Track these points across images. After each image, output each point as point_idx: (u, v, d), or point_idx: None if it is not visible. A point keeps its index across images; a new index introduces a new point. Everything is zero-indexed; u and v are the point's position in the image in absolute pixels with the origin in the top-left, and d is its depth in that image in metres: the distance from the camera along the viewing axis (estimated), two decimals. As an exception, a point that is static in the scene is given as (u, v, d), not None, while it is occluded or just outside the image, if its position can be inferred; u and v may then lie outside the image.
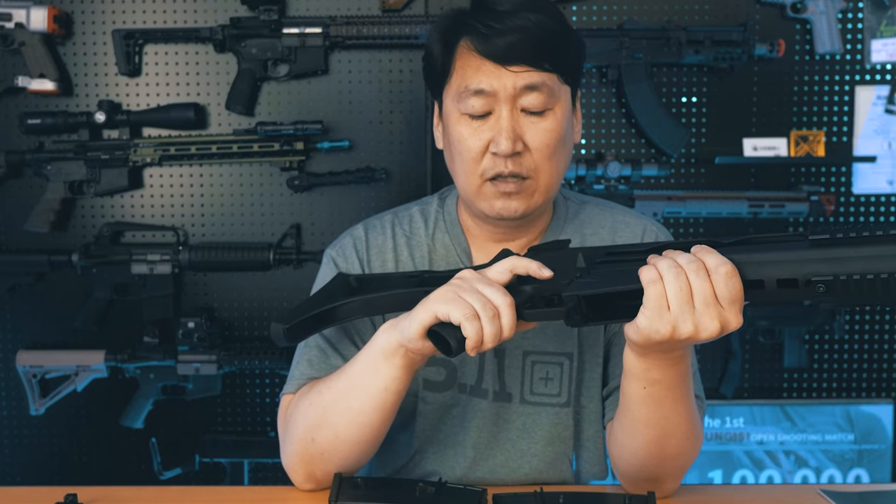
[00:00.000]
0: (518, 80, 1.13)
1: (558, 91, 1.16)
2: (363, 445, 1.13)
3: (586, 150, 2.33)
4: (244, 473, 2.30)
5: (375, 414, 1.10)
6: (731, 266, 0.90)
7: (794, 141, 2.29)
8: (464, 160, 1.18)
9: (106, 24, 2.25)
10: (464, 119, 1.17)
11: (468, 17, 1.17)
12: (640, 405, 1.06)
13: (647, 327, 0.93)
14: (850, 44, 2.30)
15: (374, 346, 1.09)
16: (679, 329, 0.92)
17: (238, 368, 2.25)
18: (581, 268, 1.01)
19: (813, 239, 0.87)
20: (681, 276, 0.90)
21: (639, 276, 0.93)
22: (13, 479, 2.36)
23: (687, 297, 0.90)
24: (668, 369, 1.01)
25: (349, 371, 1.12)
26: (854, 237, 0.85)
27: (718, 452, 2.32)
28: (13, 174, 2.25)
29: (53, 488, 1.14)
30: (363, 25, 2.19)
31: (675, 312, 0.91)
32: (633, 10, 2.28)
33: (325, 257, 1.32)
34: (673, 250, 0.95)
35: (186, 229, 2.30)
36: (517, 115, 1.15)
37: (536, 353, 1.26)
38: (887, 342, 2.39)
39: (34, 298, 2.31)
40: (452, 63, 1.18)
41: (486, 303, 0.99)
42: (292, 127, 2.19)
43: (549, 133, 1.16)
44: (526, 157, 1.16)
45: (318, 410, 1.13)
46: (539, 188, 1.18)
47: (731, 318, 0.91)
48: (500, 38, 1.13)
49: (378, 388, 1.09)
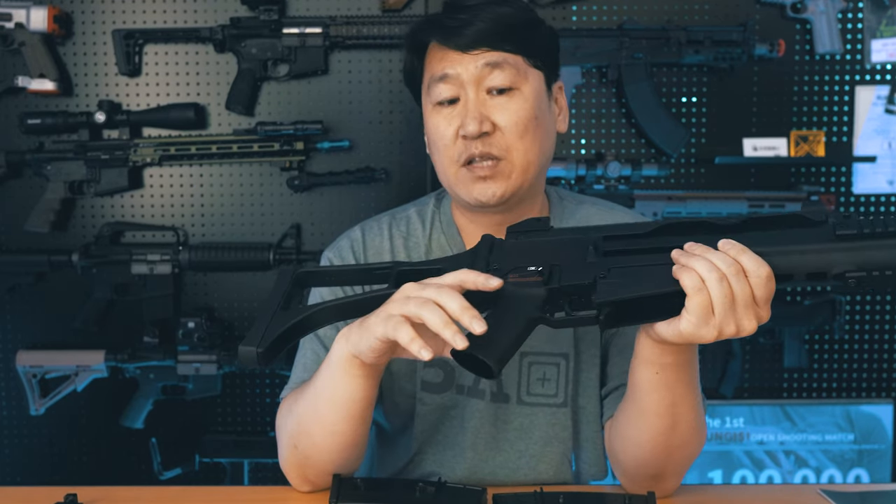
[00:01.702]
0: (479, 60, 1.18)
1: (524, 71, 1.20)
2: (342, 451, 1.12)
3: (586, 150, 2.33)
4: (244, 473, 2.30)
5: (345, 423, 1.09)
6: (769, 269, 0.90)
7: (794, 141, 2.29)
8: (439, 149, 1.22)
9: (106, 24, 2.25)
10: (436, 110, 1.22)
11: (435, 18, 1.23)
12: (652, 391, 1.06)
13: (691, 333, 0.93)
14: (850, 44, 2.30)
15: (331, 358, 1.06)
16: (723, 332, 0.92)
17: (238, 368, 2.25)
18: (593, 263, 0.97)
19: (841, 234, 0.90)
20: (724, 282, 0.90)
21: (678, 279, 0.91)
22: (13, 479, 2.36)
23: (731, 302, 0.91)
24: (682, 353, 1.02)
25: (315, 382, 1.11)
26: (881, 232, 0.89)
27: (718, 452, 2.32)
28: (13, 174, 2.25)
29: (53, 488, 1.14)
30: (363, 25, 2.19)
31: (719, 318, 0.91)
32: (633, 10, 2.28)
33: (322, 259, 1.33)
34: (700, 246, 0.92)
35: (186, 229, 2.30)
36: (483, 97, 1.19)
37: (533, 353, 1.26)
38: (887, 342, 2.39)
39: (34, 298, 2.31)
40: (423, 63, 1.24)
41: (418, 300, 0.93)
42: (292, 127, 2.19)
43: (518, 112, 1.18)
44: (496, 137, 1.18)
45: (295, 420, 1.14)
46: (515, 168, 1.19)
47: (765, 313, 0.93)
48: (465, 28, 1.18)
49: (343, 399, 1.07)
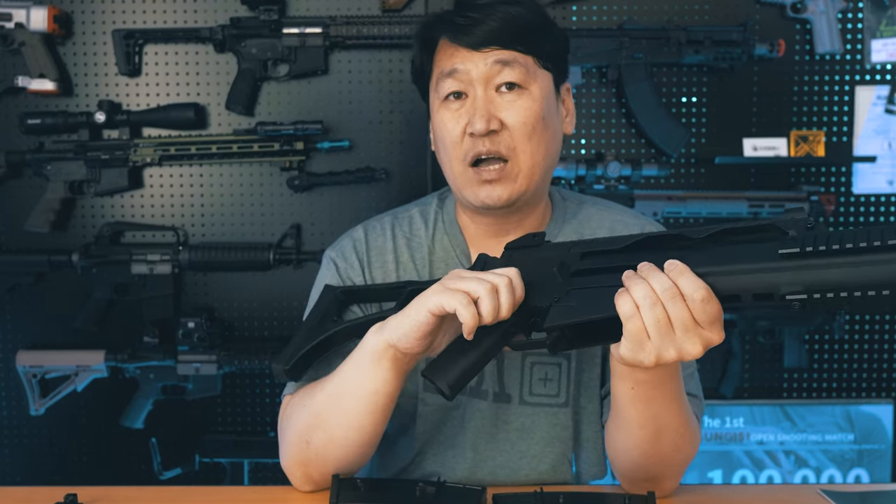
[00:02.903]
0: (489, 57, 1.17)
1: (534, 71, 1.19)
2: (357, 448, 1.13)
3: (586, 150, 2.33)
4: (244, 473, 2.30)
5: (367, 417, 1.10)
6: (706, 290, 0.87)
7: (794, 141, 2.29)
8: (446, 146, 1.21)
9: (106, 24, 2.25)
10: (443, 106, 1.21)
11: (446, 15, 1.22)
12: (630, 405, 1.06)
13: (630, 358, 0.93)
14: (850, 44, 2.30)
15: (363, 349, 1.08)
16: (663, 356, 0.91)
17: (238, 368, 2.25)
18: (560, 284, 0.98)
19: (783, 253, 0.82)
20: (657, 306, 0.88)
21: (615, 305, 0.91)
22: (13, 479, 2.36)
23: (666, 326, 0.89)
24: (654, 370, 1.01)
25: (340, 374, 1.11)
26: (824, 251, 0.80)
27: (718, 452, 2.32)
28: (13, 174, 2.25)
29: (53, 488, 1.14)
30: (363, 25, 2.19)
31: (655, 343, 0.90)
32: (633, 10, 2.28)
33: (324, 259, 1.32)
34: (648, 267, 0.91)
35: (186, 229, 2.30)
36: (492, 95, 1.18)
37: (536, 353, 1.26)
38: (887, 342, 2.39)
39: (34, 298, 2.31)
40: (433, 60, 1.23)
41: (480, 282, 0.98)
42: (292, 127, 2.19)
43: (526, 111, 1.18)
44: (504, 136, 1.18)
45: (312, 413, 1.13)
46: (522, 171, 1.19)
47: (713, 336, 0.90)
48: (476, 27, 1.17)
49: (368, 391, 1.08)
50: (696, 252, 0.90)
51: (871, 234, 0.79)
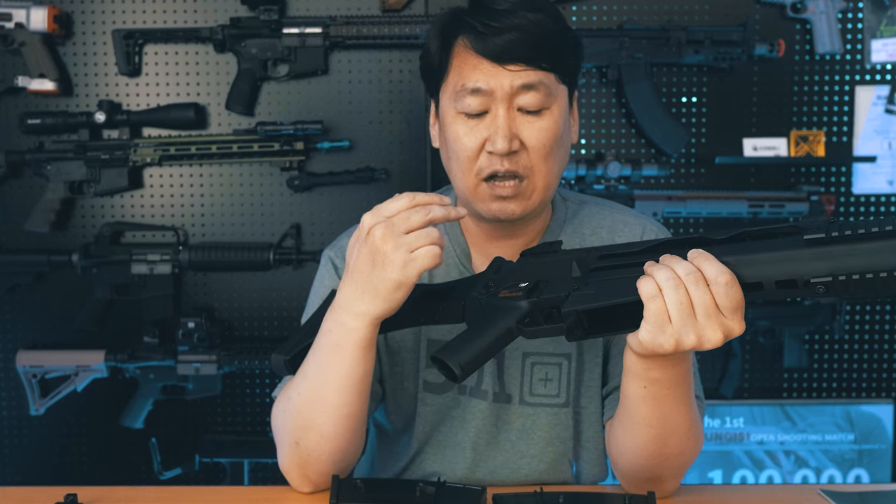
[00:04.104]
0: (515, 79, 1.13)
1: (555, 90, 1.16)
2: (347, 436, 1.12)
3: (586, 150, 2.33)
4: (244, 473, 2.30)
5: (357, 401, 1.09)
6: (730, 275, 0.88)
7: (794, 141, 2.29)
8: (460, 159, 1.18)
9: (106, 24, 2.25)
10: (460, 118, 1.17)
11: (466, 16, 1.17)
12: (641, 404, 1.06)
13: (650, 342, 0.92)
14: (850, 44, 2.30)
15: (341, 339, 1.07)
16: (683, 342, 0.91)
17: (238, 368, 2.25)
18: (577, 277, 0.99)
19: (808, 238, 0.86)
20: (680, 288, 0.89)
21: (637, 288, 0.91)
22: (13, 479, 2.36)
23: (688, 309, 0.89)
24: (670, 369, 1.01)
25: (309, 371, 1.10)
26: (849, 235, 0.84)
27: (718, 452, 2.32)
28: (13, 174, 2.25)
29: (53, 488, 1.14)
30: (363, 25, 2.19)
31: (677, 326, 0.90)
32: (633, 10, 2.28)
33: (323, 258, 1.32)
34: (670, 256, 0.93)
35: (186, 229, 2.30)
36: (514, 114, 1.15)
37: (536, 353, 1.26)
38: (887, 342, 2.39)
39: (34, 298, 2.31)
40: (450, 61, 1.18)
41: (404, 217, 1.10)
42: (292, 127, 2.19)
43: (546, 132, 1.15)
44: (522, 156, 1.15)
45: (293, 414, 1.12)
46: (536, 189, 1.17)
47: (734, 325, 0.90)
48: (498, 37, 1.13)
49: (358, 377, 1.08)
50: (719, 246, 0.92)
51: (894, 221, 0.84)
